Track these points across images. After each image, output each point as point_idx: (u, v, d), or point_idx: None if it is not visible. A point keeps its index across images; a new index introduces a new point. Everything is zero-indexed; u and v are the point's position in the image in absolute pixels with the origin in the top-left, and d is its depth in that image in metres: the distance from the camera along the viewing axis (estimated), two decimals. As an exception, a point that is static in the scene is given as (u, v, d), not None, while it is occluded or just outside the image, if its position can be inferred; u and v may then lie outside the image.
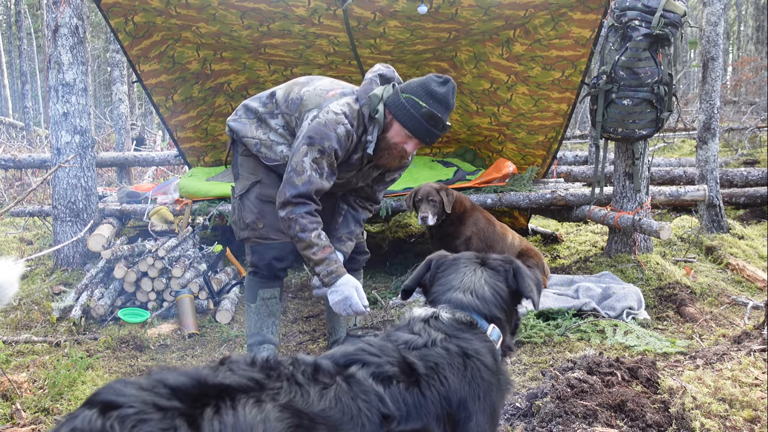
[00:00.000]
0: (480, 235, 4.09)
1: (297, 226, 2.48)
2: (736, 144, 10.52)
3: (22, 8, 16.82)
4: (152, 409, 0.90)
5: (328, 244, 2.54)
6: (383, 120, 2.58)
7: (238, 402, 0.96)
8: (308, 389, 1.07)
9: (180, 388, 0.94)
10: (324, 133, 2.49)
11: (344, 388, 1.12)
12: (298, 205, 2.50)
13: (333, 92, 2.64)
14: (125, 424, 0.87)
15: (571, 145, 11.93)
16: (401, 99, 2.55)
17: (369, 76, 2.67)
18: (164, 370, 0.99)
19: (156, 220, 4.54)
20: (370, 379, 1.16)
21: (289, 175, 2.51)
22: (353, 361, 1.20)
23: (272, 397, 1.01)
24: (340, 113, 2.53)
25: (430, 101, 2.53)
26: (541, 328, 3.42)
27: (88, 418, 0.89)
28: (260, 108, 2.78)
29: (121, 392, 0.92)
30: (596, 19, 4.26)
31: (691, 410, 2.02)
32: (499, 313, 1.55)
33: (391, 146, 2.63)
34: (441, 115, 2.54)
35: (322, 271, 2.52)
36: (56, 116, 4.38)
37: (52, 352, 3.18)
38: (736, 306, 3.87)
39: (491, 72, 5.01)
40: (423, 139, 2.60)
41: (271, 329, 2.87)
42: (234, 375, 1.02)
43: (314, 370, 1.14)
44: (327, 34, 4.66)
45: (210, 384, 0.97)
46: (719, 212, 5.69)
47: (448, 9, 4.19)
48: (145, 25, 4.63)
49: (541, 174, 5.46)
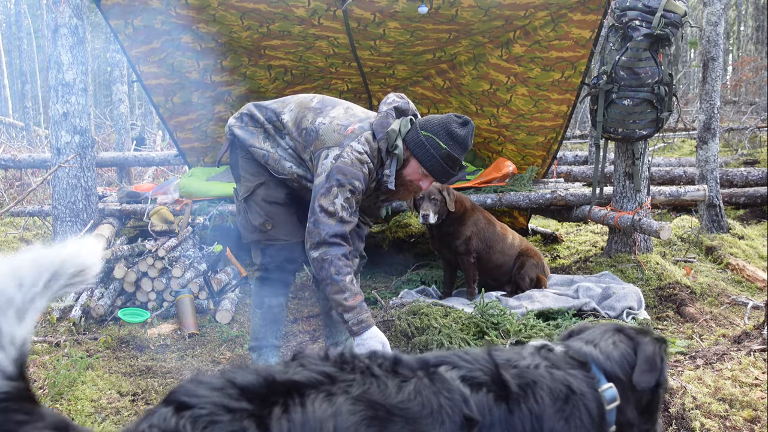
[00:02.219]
0: (480, 235, 4.09)
1: (332, 267, 2.41)
2: (736, 144, 10.52)
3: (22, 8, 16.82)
4: (222, 411, 0.90)
5: (360, 292, 2.49)
6: (401, 156, 2.57)
7: (308, 398, 0.94)
8: (385, 381, 1.02)
9: (249, 387, 0.94)
10: (353, 173, 2.47)
11: (426, 383, 1.06)
12: (333, 245, 2.44)
13: (351, 128, 2.59)
14: (197, 425, 0.88)
15: (571, 145, 11.93)
16: (421, 137, 2.55)
17: (384, 109, 2.63)
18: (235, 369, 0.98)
19: (156, 220, 4.54)
20: (458, 381, 1.09)
21: (320, 215, 2.46)
22: (444, 362, 1.13)
23: (344, 390, 0.98)
24: (363, 153, 2.51)
25: (450, 143, 2.53)
26: (541, 328, 3.41)
27: (164, 415, 0.91)
28: (268, 123, 2.73)
29: (193, 393, 0.93)
30: (596, 19, 4.26)
31: (691, 410, 2.02)
32: (622, 375, 1.32)
33: (406, 183, 2.63)
34: (459, 156, 2.55)
35: (352, 318, 2.45)
36: (56, 116, 4.38)
37: (52, 352, 3.18)
38: (736, 306, 3.87)
39: (491, 73, 5.01)
40: (439, 178, 2.61)
41: (275, 334, 2.87)
42: (305, 370, 1.00)
43: (394, 363, 1.08)
44: (327, 36, 4.66)
45: (279, 381, 0.96)
46: (719, 212, 5.69)
47: (448, 10, 4.19)
48: (145, 29, 4.62)
49: (541, 174, 5.46)
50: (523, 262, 4.16)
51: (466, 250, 4.05)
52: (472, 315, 3.50)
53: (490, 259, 4.14)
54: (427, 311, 3.50)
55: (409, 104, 2.70)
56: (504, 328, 3.41)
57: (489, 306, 3.54)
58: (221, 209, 4.75)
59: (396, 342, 3.42)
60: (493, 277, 4.22)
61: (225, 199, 4.87)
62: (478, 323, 3.43)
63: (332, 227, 2.44)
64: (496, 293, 4.04)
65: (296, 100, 2.78)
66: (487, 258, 4.13)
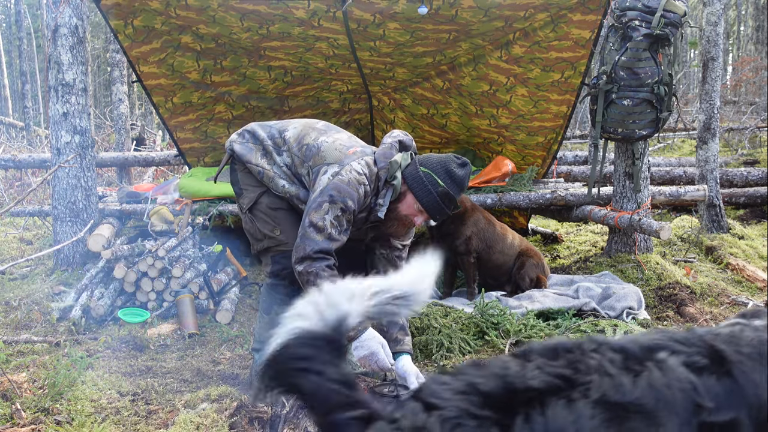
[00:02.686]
0: (480, 235, 4.09)
1: (318, 279, 2.43)
2: (736, 144, 10.52)
3: (22, 8, 16.82)
4: (468, 416, 0.93)
5: None
6: (398, 189, 2.58)
7: (548, 405, 0.96)
8: (620, 379, 1.02)
9: (491, 394, 0.97)
10: (347, 192, 2.47)
11: (657, 374, 1.06)
12: (317, 260, 2.45)
13: (353, 149, 2.60)
14: (444, 426, 0.92)
15: (571, 145, 11.93)
16: (420, 173, 2.55)
17: (389, 141, 2.65)
18: (473, 370, 1.01)
19: (156, 220, 4.54)
20: (682, 367, 1.08)
21: (308, 230, 2.47)
22: (661, 347, 1.12)
23: (583, 394, 0.98)
24: (362, 174, 2.51)
25: (448, 181, 2.54)
26: (541, 328, 3.42)
27: (414, 409, 0.95)
28: (268, 140, 2.74)
29: (439, 395, 0.96)
30: (596, 20, 4.25)
31: (690, 410, 2.02)
32: None
33: (400, 217, 2.63)
34: (455, 195, 2.56)
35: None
36: (56, 116, 4.38)
37: (52, 352, 3.18)
38: (736, 306, 3.87)
39: (490, 74, 5.01)
40: (434, 216, 2.61)
41: None
42: (542, 374, 1.01)
43: (623, 357, 1.08)
44: (327, 37, 4.66)
45: (520, 389, 0.98)
46: (719, 212, 5.69)
47: (448, 10, 4.18)
48: (145, 30, 4.62)
49: (541, 174, 5.46)
50: (523, 262, 4.16)
51: (466, 250, 4.05)
52: (472, 315, 3.50)
53: (490, 259, 4.14)
54: (427, 311, 3.50)
55: (412, 142, 2.73)
56: (504, 328, 3.41)
57: (489, 306, 3.55)
58: (221, 209, 4.75)
59: (396, 342, 3.43)
60: (493, 277, 4.22)
61: (225, 200, 4.87)
62: (478, 323, 3.43)
63: (318, 243, 2.45)
64: (496, 293, 4.04)
65: (302, 121, 2.82)
66: (487, 258, 4.13)
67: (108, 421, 2.40)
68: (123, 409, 2.53)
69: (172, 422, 2.36)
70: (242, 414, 2.37)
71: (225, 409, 2.44)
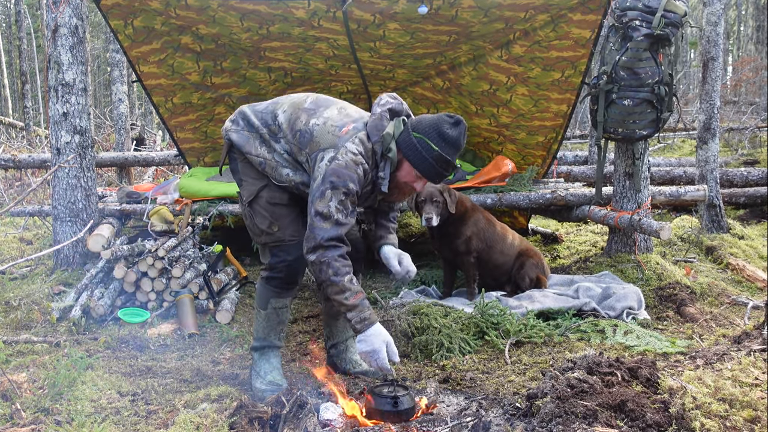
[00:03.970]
0: (480, 235, 4.09)
1: (330, 270, 2.42)
2: (736, 144, 10.52)
3: (22, 8, 16.82)
4: None
5: (360, 290, 2.49)
6: (395, 159, 2.57)
7: None
8: None
9: None
10: (347, 176, 2.46)
11: None
12: (329, 248, 2.45)
13: (346, 129, 2.57)
14: None
15: (571, 145, 11.93)
16: (413, 139, 2.54)
17: (378, 111, 2.61)
18: None
19: (156, 220, 4.54)
20: None
21: (315, 220, 2.46)
22: None
23: None
24: (358, 154, 2.50)
25: (442, 144, 2.51)
26: (541, 328, 3.42)
27: None
28: (263, 128, 2.71)
29: None
30: (596, 19, 4.26)
31: (691, 410, 2.02)
32: None
33: (400, 185, 2.63)
34: (451, 157, 2.54)
35: (355, 317, 2.45)
36: (56, 116, 4.38)
37: (52, 352, 3.18)
38: (736, 306, 3.87)
39: (490, 73, 5.01)
40: (432, 179, 2.61)
41: (278, 335, 2.87)
42: None
43: None
44: (327, 37, 4.65)
45: None
46: (719, 212, 5.69)
47: (448, 10, 4.18)
48: (145, 30, 4.62)
49: (541, 174, 5.46)
50: (523, 262, 4.16)
51: (467, 250, 4.05)
52: (472, 315, 3.50)
53: (490, 259, 4.14)
54: (427, 311, 3.50)
55: (403, 104, 2.69)
56: (504, 328, 3.41)
57: (489, 306, 3.55)
58: (221, 209, 4.74)
59: (396, 342, 3.42)
60: (493, 277, 4.22)
61: (225, 200, 4.87)
62: (478, 323, 3.43)
63: (327, 231, 2.44)
64: (496, 293, 4.04)
65: (289, 100, 2.76)
66: (487, 258, 4.13)
67: (108, 421, 2.40)
68: (123, 409, 2.53)
69: (172, 422, 2.36)
70: (242, 414, 2.37)
71: (225, 409, 2.44)
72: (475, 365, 3.07)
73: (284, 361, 3.20)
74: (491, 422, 2.12)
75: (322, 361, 3.11)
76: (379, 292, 4.26)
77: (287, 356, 3.30)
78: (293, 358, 3.28)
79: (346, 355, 3.03)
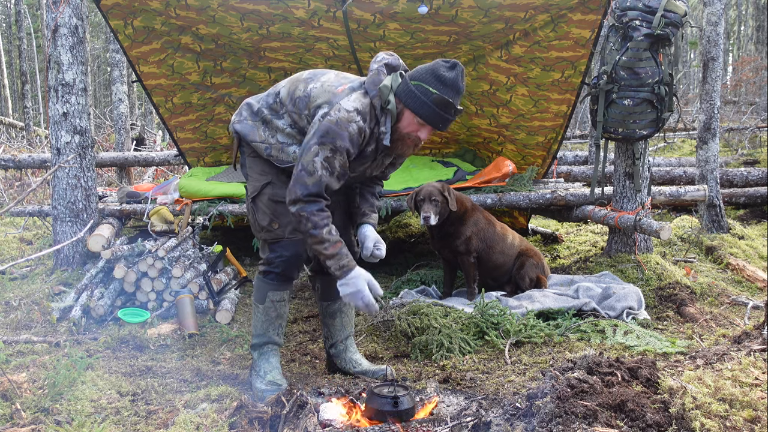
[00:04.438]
0: (480, 235, 4.09)
1: (309, 223, 2.50)
2: (736, 144, 10.52)
3: (22, 8, 16.81)
4: None
5: (339, 240, 2.56)
6: (395, 110, 2.57)
7: None
8: None
9: None
10: (336, 132, 2.48)
11: None
12: (309, 203, 2.51)
13: (342, 87, 2.60)
14: None
15: (571, 145, 11.93)
16: (411, 87, 2.53)
17: (375, 66, 2.63)
18: None
19: (156, 220, 4.54)
20: None
21: (300, 174, 2.51)
22: None
23: None
24: (353, 110, 2.51)
25: (440, 87, 2.50)
26: (541, 328, 3.42)
27: None
28: (264, 109, 2.74)
29: None
30: (596, 19, 4.26)
31: (691, 410, 2.01)
32: None
33: (404, 136, 2.62)
34: (452, 99, 2.52)
35: (334, 264, 2.54)
36: (56, 116, 4.38)
37: (52, 352, 3.18)
38: (736, 306, 3.87)
39: (490, 74, 5.01)
40: (436, 125, 2.58)
41: (277, 330, 2.86)
42: None
43: None
44: (327, 37, 4.65)
45: None
46: (719, 212, 5.69)
47: (448, 10, 4.18)
48: (145, 30, 4.62)
49: (541, 174, 5.46)
50: (523, 262, 4.16)
51: (467, 250, 4.05)
52: (472, 315, 3.50)
53: (490, 259, 4.14)
54: (427, 311, 3.50)
55: (399, 60, 2.70)
56: (504, 328, 3.41)
57: (489, 306, 3.55)
58: (221, 209, 4.74)
59: (396, 342, 3.43)
60: (493, 277, 4.22)
61: (225, 200, 4.87)
62: (478, 323, 3.43)
63: (308, 187, 2.50)
64: (496, 293, 4.04)
65: (288, 78, 2.82)
66: (487, 258, 4.13)
67: (108, 421, 2.40)
68: (123, 409, 2.53)
69: (172, 422, 2.36)
70: (242, 414, 2.37)
71: (225, 409, 2.44)
72: (475, 365, 3.07)
73: (284, 361, 3.20)
74: (491, 422, 2.12)
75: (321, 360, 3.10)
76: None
77: (287, 356, 3.30)
78: (293, 358, 3.28)
79: (346, 355, 3.03)
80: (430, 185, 3.97)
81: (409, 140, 2.63)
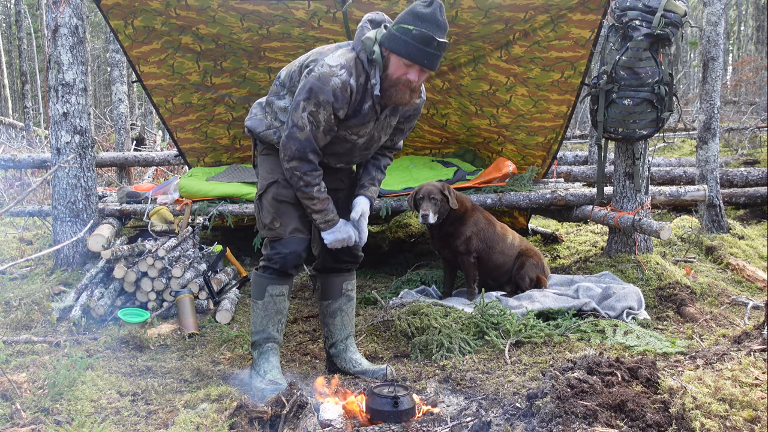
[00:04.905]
0: (480, 235, 4.09)
1: (301, 181, 2.67)
2: (736, 144, 10.52)
3: (22, 8, 16.81)
4: None
5: (327, 197, 2.74)
6: (381, 59, 2.61)
7: None
8: None
9: None
10: (318, 87, 2.56)
11: None
12: (303, 162, 2.64)
13: (328, 47, 2.74)
14: None
15: (571, 145, 11.93)
16: (392, 32, 2.58)
17: (360, 24, 2.71)
18: None
19: (156, 220, 4.54)
20: None
21: (292, 130, 2.63)
22: None
23: None
24: (335, 65, 2.58)
25: (419, 23, 2.52)
26: (541, 328, 3.42)
27: None
28: (270, 97, 2.85)
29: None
30: (596, 19, 4.26)
31: (691, 410, 2.01)
32: None
33: (394, 82, 2.63)
34: (433, 33, 2.52)
35: (320, 218, 2.75)
36: (56, 116, 4.38)
37: (52, 352, 3.18)
38: (736, 306, 3.87)
39: (490, 74, 5.01)
40: (421, 62, 2.57)
41: (277, 327, 2.85)
42: None
43: None
44: (327, 38, 4.65)
45: None
46: (719, 212, 5.69)
47: (447, 11, 4.16)
48: (145, 30, 4.62)
49: (541, 174, 5.46)
50: (523, 262, 4.16)
51: (467, 250, 4.05)
52: (472, 315, 3.50)
53: (490, 259, 4.14)
54: (427, 311, 3.50)
55: (384, 16, 2.76)
56: (504, 328, 3.41)
57: (489, 306, 3.55)
58: (221, 209, 4.74)
59: (396, 342, 3.43)
60: (493, 277, 4.22)
61: (225, 199, 4.87)
62: (478, 323, 3.43)
63: (301, 143, 2.62)
64: (496, 293, 4.04)
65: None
66: (487, 258, 4.13)
67: (108, 421, 2.40)
68: (123, 409, 2.53)
69: (172, 422, 2.36)
70: (242, 414, 2.37)
71: (225, 409, 2.44)
72: (475, 365, 3.07)
73: (284, 361, 3.20)
74: (491, 422, 2.12)
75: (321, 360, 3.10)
76: (379, 293, 4.26)
77: (287, 356, 3.30)
78: (293, 358, 3.28)
79: (346, 355, 3.03)
80: (430, 184, 3.97)
81: (401, 85, 2.63)
